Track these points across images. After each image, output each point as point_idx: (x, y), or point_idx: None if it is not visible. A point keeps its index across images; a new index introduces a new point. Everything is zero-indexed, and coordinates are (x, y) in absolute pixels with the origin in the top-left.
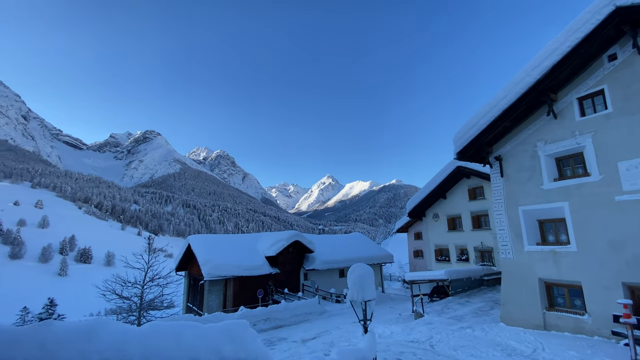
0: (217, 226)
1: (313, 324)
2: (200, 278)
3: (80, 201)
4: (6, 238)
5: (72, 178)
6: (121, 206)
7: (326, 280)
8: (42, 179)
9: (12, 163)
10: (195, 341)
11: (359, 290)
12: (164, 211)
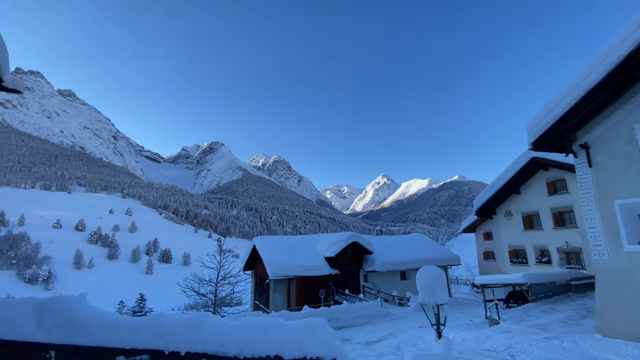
0: (277, 228)
1: (376, 327)
2: (266, 277)
3: (160, 208)
4: (105, 241)
5: (153, 188)
6: (194, 211)
7: (387, 282)
8: (130, 190)
9: (106, 177)
10: (280, 336)
11: (430, 294)
12: (230, 215)
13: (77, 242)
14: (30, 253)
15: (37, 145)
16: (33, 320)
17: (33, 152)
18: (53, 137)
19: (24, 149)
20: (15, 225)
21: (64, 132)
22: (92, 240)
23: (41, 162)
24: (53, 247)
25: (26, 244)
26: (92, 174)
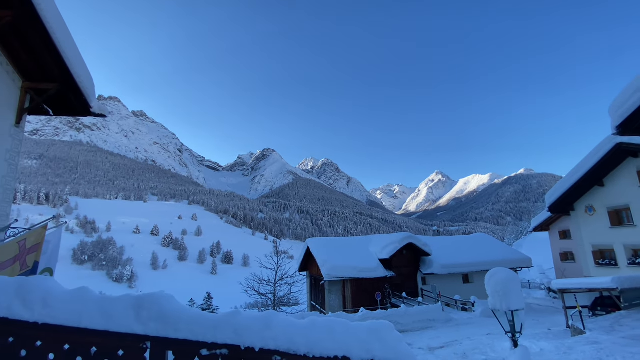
0: (328, 230)
1: (438, 332)
2: (321, 278)
3: (221, 213)
4: (175, 244)
5: (214, 195)
6: (250, 215)
7: (448, 285)
8: (194, 197)
9: (174, 186)
10: (346, 337)
11: (502, 298)
12: (283, 218)
13: (153, 246)
14: (116, 255)
15: (118, 161)
16: (132, 314)
17: (115, 167)
18: (130, 153)
19: (107, 165)
20: (104, 231)
21: (139, 148)
22: (165, 243)
23: (122, 176)
24: (134, 250)
25: (113, 248)
26: (162, 184)
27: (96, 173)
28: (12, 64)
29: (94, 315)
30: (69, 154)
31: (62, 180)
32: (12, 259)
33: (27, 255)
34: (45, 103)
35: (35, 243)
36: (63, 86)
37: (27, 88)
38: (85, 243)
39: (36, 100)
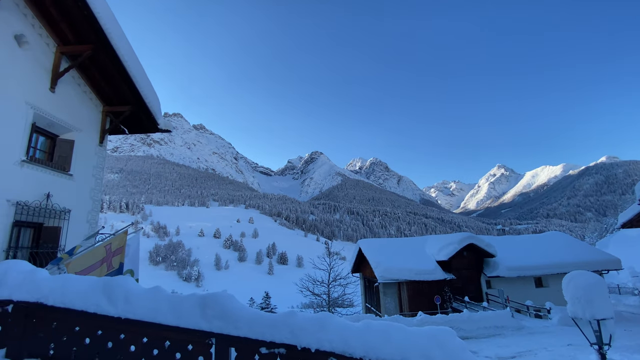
0: (380, 230)
1: (508, 340)
2: (374, 280)
3: (274, 215)
4: (235, 246)
5: (268, 198)
6: (302, 217)
7: (517, 289)
8: (250, 202)
9: (232, 192)
10: (404, 342)
11: (585, 305)
12: (334, 219)
13: (215, 248)
14: (185, 257)
15: (183, 171)
16: (198, 312)
17: (181, 177)
18: (193, 164)
19: (174, 175)
20: (174, 235)
21: (200, 158)
22: (226, 245)
23: (187, 185)
24: (200, 252)
25: (182, 250)
26: (222, 191)
27: (165, 183)
28: (94, 91)
29: (166, 312)
30: (142, 167)
31: (138, 190)
32: (100, 261)
33: (112, 258)
34: (122, 123)
35: (119, 246)
36: (135, 108)
37: (107, 112)
38: (159, 246)
39: (114, 122)
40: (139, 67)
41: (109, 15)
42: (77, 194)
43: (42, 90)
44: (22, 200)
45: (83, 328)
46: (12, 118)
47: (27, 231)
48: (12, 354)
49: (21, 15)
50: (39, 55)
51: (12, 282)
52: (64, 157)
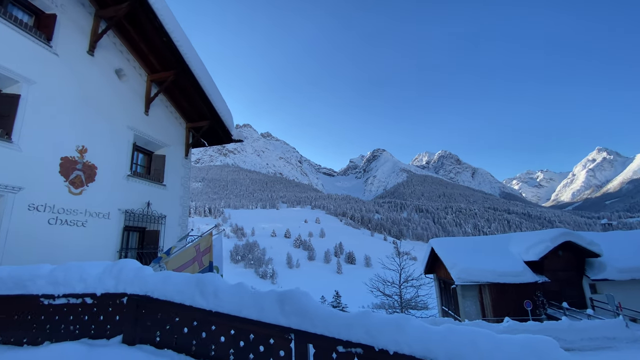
0: (454, 228)
1: (621, 354)
2: (450, 282)
3: (340, 215)
4: (304, 246)
5: (332, 199)
6: (367, 216)
7: (632, 295)
8: (316, 202)
9: (298, 194)
10: (493, 351)
11: None
12: (401, 217)
13: (287, 247)
14: (260, 256)
15: (255, 177)
16: (277, 308)
17: (253, 182)
18: (262, 169)
19: (247, 181)
20: (250, 235)
21: (268, 164)
22: (296, 245)
23: (259, 189)
24: (273, 251)
25: (257, 249)
26: (289, 193)
27: (240, 188)
28: (178, 111)
29: (249, 306)
30: (220, 175)
31: (218, 196)
32: (192, 260)
33: (202, 257)
34: (202, 137)
35: (206, 246)
36: (212, 122)
37: (189, 128)
38: (238, 246)
39: (196, 136)
40: (213, 86)
41: (187, 43)
42: (170, 201)
43: (139, 114)
44: (129, 208)
45: (181, 319)
46: (119, 140)
47: (134, 234)
48: (127, 339)
49: (118, 52)
50: (135, 85)
51: (126, 277)
52: (158, 170)
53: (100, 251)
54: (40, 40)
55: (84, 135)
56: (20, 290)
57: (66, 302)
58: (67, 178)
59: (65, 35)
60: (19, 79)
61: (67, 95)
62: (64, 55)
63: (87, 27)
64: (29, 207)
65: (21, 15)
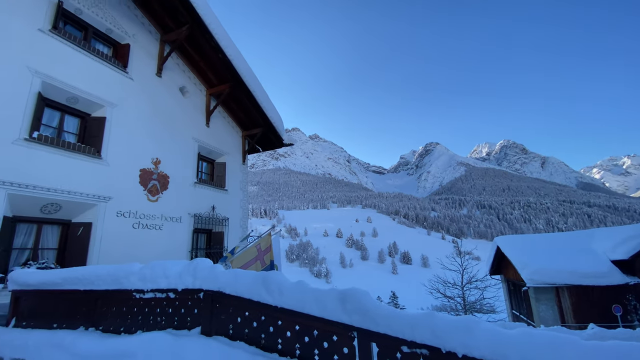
0: (522, 225)
1: None
2: (520, 283)
3: (392, 214)
4: (357, 245)
5: (384, 197)
6: (422, 214)
7: None
8: (366, 201)
9: (348, 193)
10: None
11: None
12: (460, 215)
13: (339, 246)
14: (314, 255)
15: (305, 178)
16: (339, 306)
17: (304, 184)
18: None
19: (298, 182)
20: (303, 235)
21: (317, 165)
22: (349, 244)
23: (309, 190)
24: (325, 251)
25: (311, 249)
26: (339, 193)
27: (292, 190)
28: (234, 120)
29: (312, 304)
30: (273, 178)
31: (272, 198)
32: (254, 259)
33: (263, 256)
34: (256, 143)
35: (266, 246)
36: (265, 129)
37: (245, 136)
38: (292, 245)
39: (251, 143)
40: (264, 94)
41: (240, 57)
42: (232, 205)
43: (201, 126)
44: (197, 212)
45: (251, 313)
46: (186, 151)
47: (202, 236)
48: (205, 331)
49: (181, 72)
50: (196, 100)
51: (201, 274)
52: (220, 177)
53: (175, 251)
54: (118, 68)
55: (157, 149)
56: (117, 286)
57: (153, 296)
58: (145, 187)
59: (138, 61)
60: (104, 104)
61: (141, 114)
62: (137, 79)
63: (155, 51)
64: (117, 214)
65: (102, 47)
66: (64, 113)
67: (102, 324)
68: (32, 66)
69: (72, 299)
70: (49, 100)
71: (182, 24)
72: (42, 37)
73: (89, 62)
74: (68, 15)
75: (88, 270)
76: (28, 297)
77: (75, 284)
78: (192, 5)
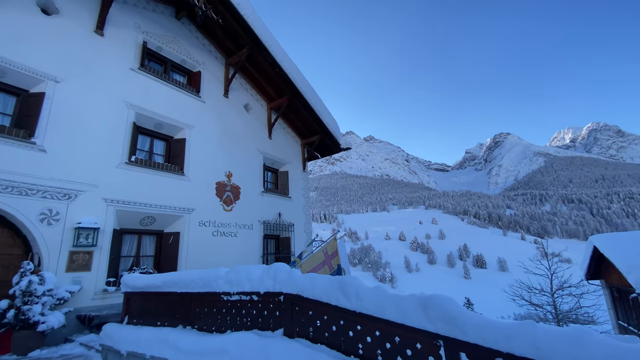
0: (625, 220)
1: None
2: (628, 289)
3: (460, 214)
4: (422, 248)
5: (449, 196)
6: (496, 213)
7: None
8: (430, 202)
9: (409, 194)
10: None
11: None
12: (542, 211)
13: (403, 250)
14: (377, 259)
15: (362, 181)
16: (421, 312)
17: (361, 187)
18: (368, 173)
19: (356, 186)
20: (364, 239)
21: (374, 167)
22: (413, 247)
23: (367, 193)
24: (388, 255)
25: (373, 253)
26: (398, 194)
27: (349, 193)
28: (293, 130)
29: (391, 309)
30: (330, 183)
31: (330, 203)
32: (322, 263)
33: (331, 260)
34: (314, 150)
35: (333, 250)
36: (322, 136)
37: (304, 144)
38: (354, 249)
39: (310, 150)
40: (320, 103)
41: (296, 70)
42: (296, 211)
43: (264, 139)
44: (266, 219)
45: (329, 317)
46: (253, 163)
47: (271, 241)
48: (287, 333)
49: (244, 90)
50: (259, 114)
51: (280, 278)
52: (284, 185)
53: (249, 256)
54: (193, 93)
55: (229, 163)
56: (207, 289)
57: (239, 298)
58: (221, 198)
59: (208, 85)
60: (183, 126)
61: (214, 133)
62: (208, 101)
63: (221, 74)
64: (199, 224)
65: (178, 77)
66: (152, 138)
67: (197, 323)
68: (128, 100)
69: (171, 300)
70: (141, 128)
71: (242, 46)
72: (133, 75)
73: (169, 92)
74: (151, 53)
75: (183, 274)
76: (136, 298)
77: (173, 287)
78: (251, 28)
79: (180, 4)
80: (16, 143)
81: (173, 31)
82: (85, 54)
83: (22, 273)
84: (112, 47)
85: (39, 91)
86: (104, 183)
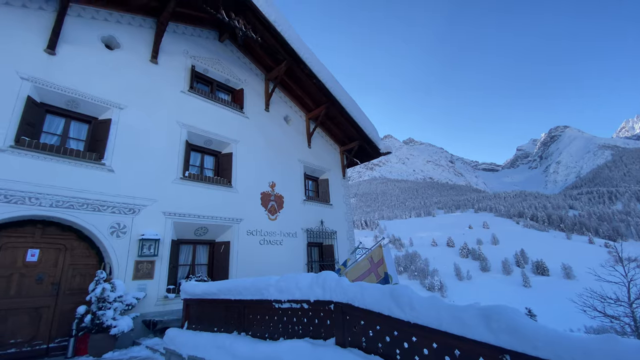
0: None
1: None
2: None
3: (515, 217)
4: (473, 255)
5: (501, 198)
6: (556, 214)
7: None
8: (479, 204)
9: (456, 197)
10: None
11: None
12: (613, 211)
13: (451, 257)
14: (424, 267)
15: (403, 185)
16: (482, 324)
17: (402, 191)
18: (410, 176)
19: (397, 190)
20: (408, 246)
21: (415, 170)
22: (463, 254)
23: (409, 197)
24: (436, 262)
25: (419, 260)
26: (444, 197)
27: (390, 198)
28: (332, 138)
29: (449, 320)
30: (370, 189)
31: (371, 209)
32: (367, 271)
33: (377, 268)
34: (354, 157)
35: (378, 258)
36: (361, 142)
37: (343, 151)
38: (398, 256)
39: (349, 157)
40: (357, 109)
41: (332, 79)
42: (337, 218)
43: (304, 148)
44: (309, 227)
45: (382, 327)
46: (294, 173)
47: (314, 249)
48: (339, 342)
49: (283, 103)
50: (298, 125)
51: (329, 287)
52: (325, 192)
53: (294, 264)
54: (237, 110)
55: (272, 173)
56: (260, 296)
57: (290, 306)
58: (266, 208)
59: (250, 101)
60: (229, 142)
61: (257, 145)
62: (251, 116)
63: (261, 90)
64: (247, 233)
65: (223, 95)
66: (203, 154)
67: (250, 330)
68: (180, 120)
69: (226, 306)
70: (192, 145)
71: (280, 61)
72: (184, 97)
73: (216, 110)
74: (199, 75)
75: (236, 282)
76: (194, 305)
77: (228, 294)
78: (288, 43)
79: (223, 27)
80: (90, 165)
81: (217, 53)
82: (143, 81)
83: (97, 281)
84: (165, 73)
85: (106, 118)
86: (162, 197)
